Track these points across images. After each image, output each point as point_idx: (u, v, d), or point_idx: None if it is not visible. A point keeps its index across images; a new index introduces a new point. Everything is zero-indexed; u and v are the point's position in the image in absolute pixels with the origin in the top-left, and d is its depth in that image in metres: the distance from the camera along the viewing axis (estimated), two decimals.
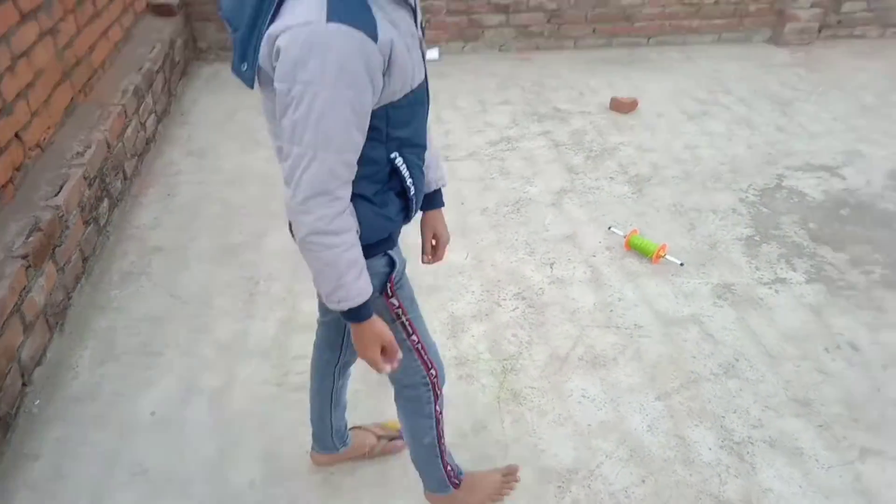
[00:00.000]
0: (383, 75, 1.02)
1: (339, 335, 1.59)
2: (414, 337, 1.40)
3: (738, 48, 4.83)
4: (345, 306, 1.16)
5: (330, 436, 1.77)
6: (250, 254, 2.77)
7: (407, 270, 1.39)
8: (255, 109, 3.91)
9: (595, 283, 2.61)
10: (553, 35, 4.68)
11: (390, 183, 1.20)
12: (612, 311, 2.47)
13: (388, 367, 1.27)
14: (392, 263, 1.29)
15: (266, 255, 2.76)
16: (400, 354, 1.29)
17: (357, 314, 1.18)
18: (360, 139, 1.05)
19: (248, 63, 1.04)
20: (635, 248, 2.74)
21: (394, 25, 1.03)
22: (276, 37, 0.98)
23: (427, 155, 1.31)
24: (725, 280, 2.61)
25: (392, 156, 1.16)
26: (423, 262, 1.58)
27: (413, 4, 1.11)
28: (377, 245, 1.24)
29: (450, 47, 4.65)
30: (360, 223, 1.15)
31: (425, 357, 1.45)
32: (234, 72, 1.07)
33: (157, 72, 3.62)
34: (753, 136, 3.68)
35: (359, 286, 1.15)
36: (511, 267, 2.69)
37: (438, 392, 1.51)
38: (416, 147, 1.22)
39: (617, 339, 2.34)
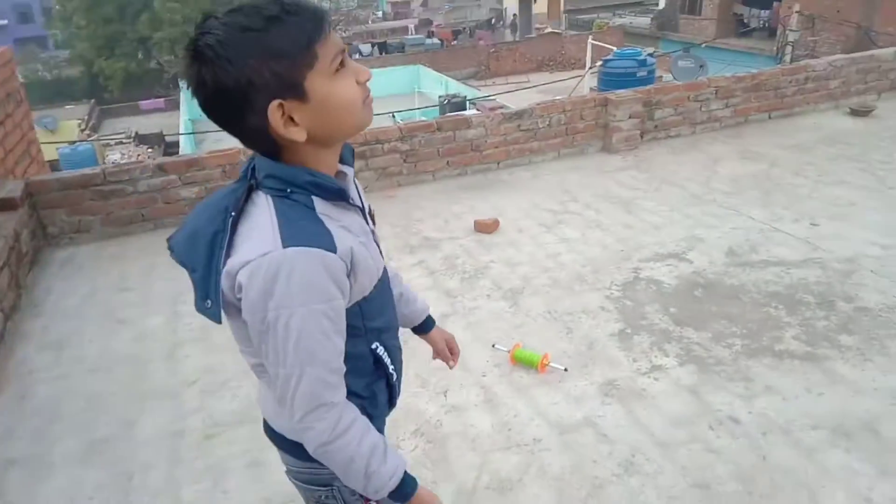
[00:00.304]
0: (348, 277, 1.03)
1: None
2: None
3: (576, 160, 5.37)
4: (384, 493, 1.12)
5: None
6: (121, 446, 2.53)
7: None
8: (115, 288, 3.75)
9: (490, 404, 2.62)
10: (411, 172, 4.98)
11: (377, 373, 1.20)
12: (510, 429, 2.47)
13: None
14: None
15: (138, 443, 2.54)
16: None
17: (402, 493, 1.14)
18: (341, 343, 1.05)
19: (211, 300, 1.02)
20: (520, 361, 2.81)
21: (348, 230, 1.05)
22: (237, 272, 0.98)
23: (403, 294, 1.38)
24: (608, 377, 2.72)
25: (373, 346, 1.17)
26: (450, 367, 1.66)
27: (360, 204, 1.14)
28: None
29: None
30: None
31: None
32: (197, 310, 1.04)
33: (2, 268, 3.40)
34: (606, 237, 4.01)
35: (388, 469, 1.11)
36: (405, 403, 2.65)
37: None
38: (391, 330, 1.24)
39: (519, 458, 2.32)
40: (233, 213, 1.02)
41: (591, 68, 12.70)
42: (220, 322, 1.05)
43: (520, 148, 5.28)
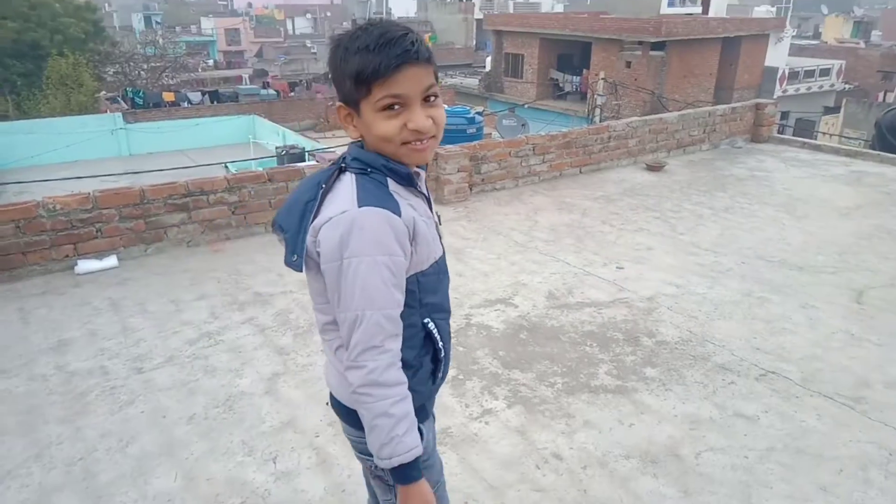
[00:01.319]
0: (410, 243, 1.23)
1: None
2: None
3: None
4: (395, 462, 1.20)
5: None
6: None
7: None
8: None
9: (323, 466, 2.51)
10: (241, 224, 4.78)
11: (424, 347, 1.34)
12: (343, 490, 2.39)
13: None
14: (422, 437, 1.29)
15: None
16: None
17: (407, 473, 1.22)
18: (399, 296, 1.22)
19: (297, 254, 1.24)
20: None
21: (413, 208, 1.27)
22: (319, 228, 1.21)
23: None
24: (443, 425, 2.75)
25: (425, 321, 1.32)
26: None
27: (426, 194, 1.37)
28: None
29: (130, 252, 4.40)
30: None
31: None
32: (286, 263, 1.26)
33: None
34: None
35: (409, 442, 1.21)
36: (229, 475, 2.46)
37: None
38: (443, 312, 1.38)
39: None
40: (323, 186, 1.26)
41: None
42: (301, 271, 1.26)
43: None
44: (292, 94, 29.83)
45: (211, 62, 44.85)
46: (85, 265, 4.21)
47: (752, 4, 32.70)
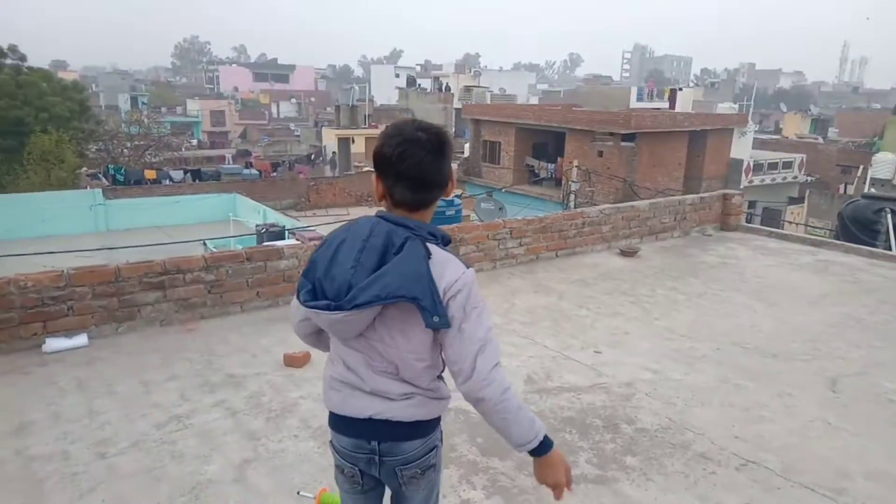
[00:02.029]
0: None
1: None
2: (438, 488, 1.82)
3: None
4: (542, 434, 1.62)
5: None
6: None
7: None
8: None
9: None
10: (217, 303, 4.73)
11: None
12: None
13: (570, 489, 1.67)
14: None
15: None
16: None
17: (548, 444, 1.63)
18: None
19: (439, 315, 1.53)
20: None
21: None
22: (449, 288, 1.54)
23: None
24: None
25: None
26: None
27: None
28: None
29: (101, 330, 4.31)
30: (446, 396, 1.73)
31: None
32: (427, 326, 1.54)
33: None
34: None
35: (539, 423, 1.64)
36: None
37: None
38: None
39: None
40: (424, 257, 1.55)
41: None
42: (448, 327, 1.55)
43: None
44: (274, 173, 30.30)
45: (195, 142, 45.64)
46: (53, 343, 4.09)
47: (716, 101, 34.69)
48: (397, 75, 60.15)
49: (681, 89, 33.87)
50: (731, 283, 6.12)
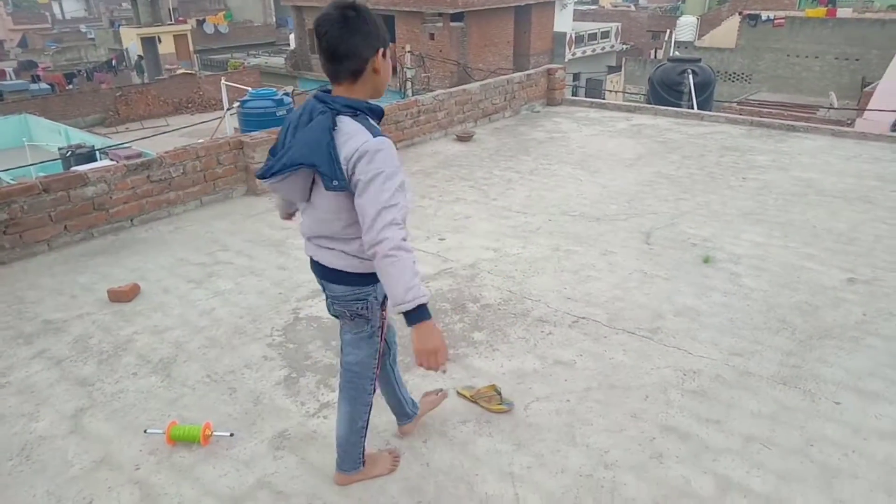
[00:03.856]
0: None
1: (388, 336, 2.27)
2: (381, 343, 2.12)
3: (221, 206, 5.17)
4: (416, 303, 1.76)
5: (407, 406, 2.50)
6: None
7: None
8: None
9: (148, 500, 2.29)
10: (17, 244, 4.15)
11: None
12: None
13: (444, 366, 1.89)
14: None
15: None
16: (448, 356, 1.93)
17: (423, 313, 1.79)
18: (406, 201, 1.80)
19: (337, 179, 1.75)
20: (180, 439, 2.54)
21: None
22: (351, 156, 1.74)
23: None
24: (278, 429, 2.64)
25: None
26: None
27: None
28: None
29: None
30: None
31: (379, 361, 2.16)
32: (326, 189, 1.77)
33: None
34: (262, 282, 3.93)
35: (423, 291, 1.78)
36: None
37: (375, 389, 2.20)
38: None
39: None
40: (333, 129, 1.75)
41: (229, 109, 12.45)
42: (346, 190, 1.77)
43: (155, 200, 4.85)
44: (70, 86, 26.44)
45: None
46: None
47: None
48: None
49: None
50: (558, 156, 6.45)
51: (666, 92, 10.53)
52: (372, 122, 1.80)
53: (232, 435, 2.58)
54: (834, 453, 2.47)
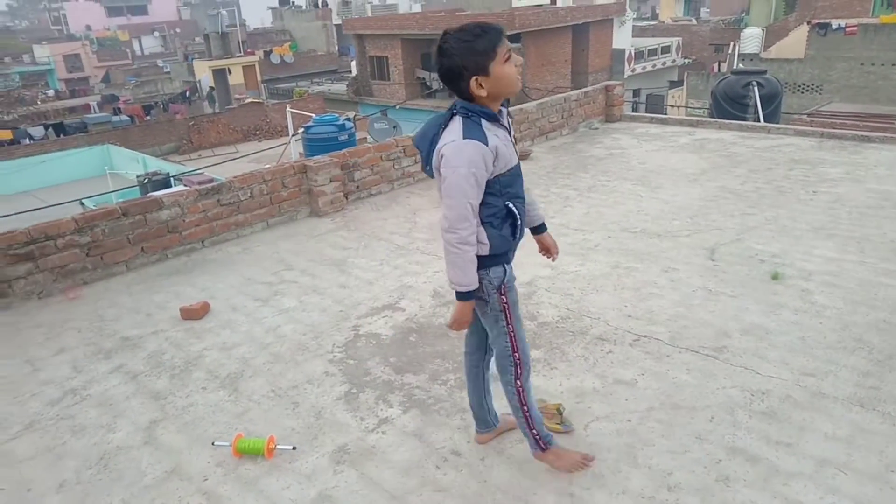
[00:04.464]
0: (493, 162, 2.02)
1: (483, 340, 2.43)
2: (510, 326, 2.26)
3: (287, 228, 5.36)
4: (466, 288, 2.09)
5: (489, 416, 2.59)
6: None
7: None
8: None
9: None
10: (98, 266, 4.43)
11: (507, 218, 2.12)
12: None
13: (462, 330, 2.25)
14: (506, 272, 2.20)
15: None
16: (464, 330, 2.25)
17: (469, 295, 2.11)
18: (477, 194, 2.01)
19: (429, 165, 2.12)
20: (245, 452, 2.63)
21: (497, 136, 2.04)
22: (440, 149, 2.03)
23: (527, 202, 2.29)
24: (339, 443, 2.70)
25: (507, 203, 2.10)
26: (552, 261, 2.65)
27: (507, 126, 2.13)
28: (499, 256, 2.15)
29: None
30: (489, 242, 2.09)
31: (514, 343, 2.28)
32: (423, 171, 2.18)
33: None
34: (324, 300, 4.04)
35: (472, 277, 2.08)
36: None
37: (520, 371, 2.30)
38: (519, 198, 2.16)
39: None
40: (442, 125, 2.08)
41: (294, 135, 12.91)
42: (433, 177, 2.12)
43: (224, 223, 5.07)
44: (148, 117, 28.06)
45: (51, 92, 41.17)
46: None
47: None
48: None
49: None
50: (617, 172, 6.37)
51: (730, 105, 10.24)
52: (486, 124, 2.02)
53: (294, 448, 2.65)
54: None
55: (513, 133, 2.19)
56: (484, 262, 2.12)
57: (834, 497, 2.25)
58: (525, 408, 2.32)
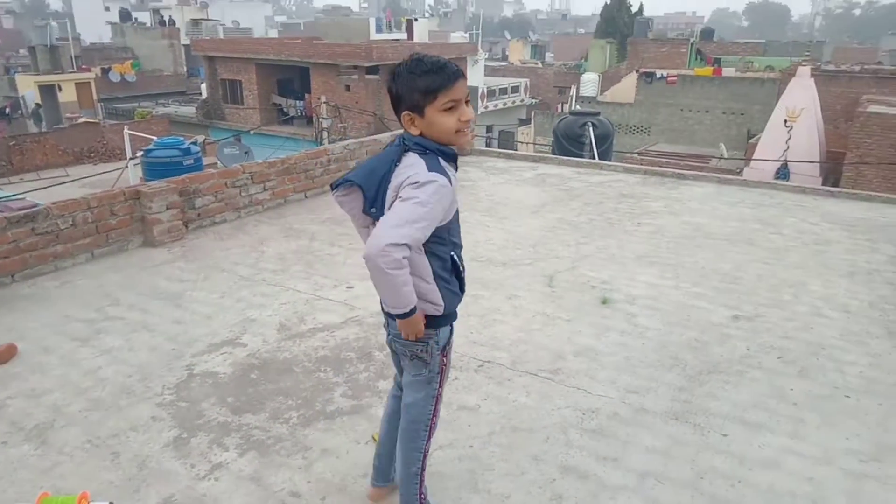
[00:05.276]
0: (451, 206, 1.91)
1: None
2: (440, 388, 2.12)
3: (115, 259, 4.91)
4: (404, 310, 1.86)
5: (390, 469, 2.39)
6: None
7: None
8: None
9: None
10: None
11: (454, 270, 2.01)
12: None
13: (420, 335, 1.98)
14: (451, 332, 2.11)
15: None
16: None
17: (410, 314, 1.89)
18: (424, 234, 1.82)
19: (376, 208, 1.90)
20: None
21: (454, 177, 1.92)
22: (401, 185, 1.84)
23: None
24: (164, 495, 2.47)
25: (451, 254, 1.99)
26: None
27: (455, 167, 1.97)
28: (449, 316, 2.05)
29: None
30: (443, 303, 1.98)
31: (437, 407, 2.14)
32: (364, 212, 1.95)
33: None
34: (154, 338, 3.72)
35: (411, 297, 1.86)
36: None
37: (431, 434, 2.17)
38: (460, 248, 2.06)
39: None
40: (396, 163, 1.90)
41: (132, 159, 11.99)
42: (377, 220, 1.85)
43: (40, 254, 4.54)
44: None
45: None
46: None
47: (450, 30, 36.37)
48: (107, 8, 52.19)
49: (416, 20, 34.76)
50: (467, 203, 6.59)
51: (569, 143, 11.07)
52: (443, 163, 1.87)
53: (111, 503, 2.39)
54: (722, 485, 2.57)
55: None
56: (435, 322, 1.99)
57: None
58: (423, 473, 2.19)
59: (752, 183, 7.61)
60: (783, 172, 14.03)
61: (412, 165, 1.84)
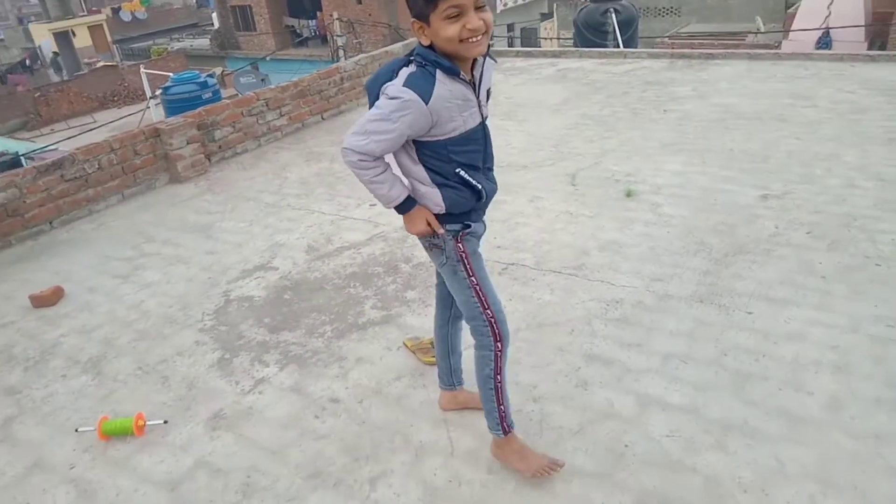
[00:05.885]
0: (433, 125, 1.78)
1: (448, 296, 2.24)
2: (473, 279, 2.01)
3: (145, 198, 5.04)
4: (396, 202, 1.88)
5: (450, 374, 2.45)
6: None
7: None
8: None
9: (84, 497, 2.29)
10: None
11: (467, 187, 1.89)
12: None
13: (440, 231, 1.94)
14: (466, 226, 1.97)
15: None
16: (441, 230, 1.94)
17: (406, 205, 1.89)
18: (386, 147, 1.79)
19: (372, 104, 1.84)
20: (112, 433, 2.53)
21: (450, 92, 1.76)
22: (383, 90, 1.79)
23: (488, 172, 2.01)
24: (213, 410, 2.65)
25: (457, 170, 1.87)
26: None
27: (476, 82, 1.83)
28: (459, 216, 1.94)
29: None
30: (444, 203, 1.89)
31: (483, 298, 2.02)
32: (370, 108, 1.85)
33: None
34: (190, 269, 3.87)
35: (399, 190, 1.87)
36: None
37: (497, 331, 2.05)
38: (474, 168, 1.91)
39: None
40: (395, 70, 1.81)
41: (152, 98, 12.01)
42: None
43: (73, 199, 4.69)
44: None
45: None
46: None
47: None
48: None
49: None
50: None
51: (591, 33, 10.55)
52: (441, 76, 1.74)
53: (166, 422, 2.58)
54: (746, 360, 2.61)
55: (483, 90, 1.89)
56: (441, 220, 1.94)
57: (677, 385, 2.50)
58: (498, 378, 2.08)
59: (786, 55, 7.19)
60: (825, 41, 13.15)
61: (402, 76, 1.77)
